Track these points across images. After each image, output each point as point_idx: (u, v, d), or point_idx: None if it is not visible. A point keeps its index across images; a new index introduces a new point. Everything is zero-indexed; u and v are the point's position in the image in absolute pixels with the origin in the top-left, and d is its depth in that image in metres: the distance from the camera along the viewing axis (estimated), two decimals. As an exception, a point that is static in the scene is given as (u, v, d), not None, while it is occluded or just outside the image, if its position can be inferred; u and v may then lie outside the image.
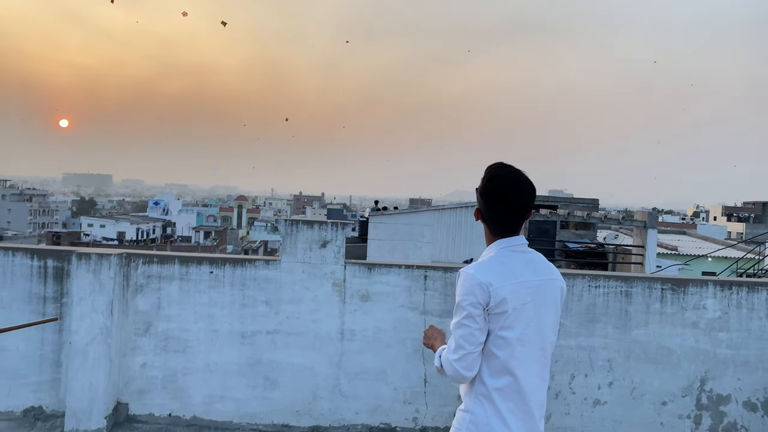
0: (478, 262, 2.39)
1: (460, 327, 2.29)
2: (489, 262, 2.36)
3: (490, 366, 2.32)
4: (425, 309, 4.92)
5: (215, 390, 4.89)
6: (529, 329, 2.33)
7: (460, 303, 2.31)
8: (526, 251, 2.42)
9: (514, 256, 2.38)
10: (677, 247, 28.49)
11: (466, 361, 2.28)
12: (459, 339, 2.29)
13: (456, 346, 2.30)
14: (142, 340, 4.89)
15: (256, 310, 4.90)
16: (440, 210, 18.39)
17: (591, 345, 4.91)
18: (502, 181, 2.37)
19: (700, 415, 4.91)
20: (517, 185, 2.36)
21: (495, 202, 2.37)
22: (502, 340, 2.30)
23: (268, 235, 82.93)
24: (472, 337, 2.28)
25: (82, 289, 4.66)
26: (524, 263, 2.38)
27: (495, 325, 2.30)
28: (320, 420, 4.90)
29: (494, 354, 2.31)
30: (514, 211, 2.37)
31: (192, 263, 4.90)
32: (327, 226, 4.96)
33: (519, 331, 2.31)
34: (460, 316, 2.30)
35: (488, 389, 2.33)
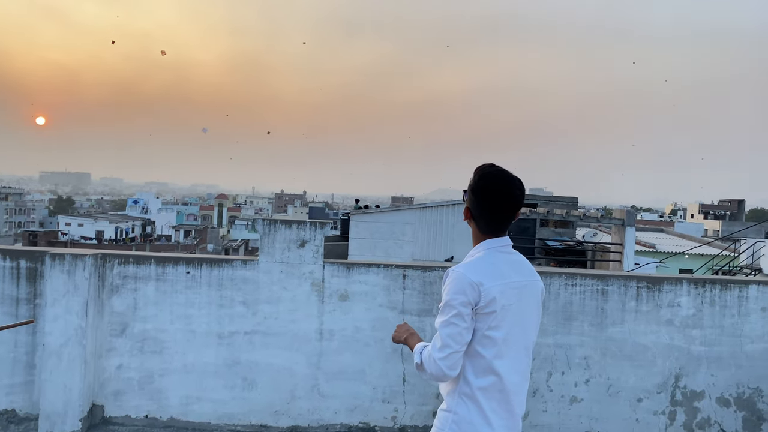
0: (467, 261, 2.40)
1: (448, 325, 2.29)
2: (478, 261, 2.37)
3: (474, 365, 2.33)
4: (404, 308, 4.93)
5: (192, 391, 4.85)
6: (514, 329, 2.35)
7: (450, 302, 2.30)
8: (511, 252, 2.45)
9: (502, 257, 2.40)
10: (655, 244, 28.87)
11: (451, 360, 2.28)
12: (446, 337, 2.28)
13: (442, 345, 2.28)
14: (118, 341, 4.84)
15: (234, 310, 4.87)
16: (422, 208, 18.43)
17: (568, 343, 4.95)
18: (494, 178, 2.39)
19: (675, 411, 4.99)
20: (509, 182, 2.39)
21: (487, 198, 2.39)
22: (488, 340, 2.31)
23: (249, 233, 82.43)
24: (459, 336, 2.28)
25: (56, 290, 4.59)
26: (510, 264, 2.41)
27: (482, 325, 2.31)
28: (299, 420, 4.89)
29: (479, 353, 2.32)
30: (505, 207, 2.38)
31: (168, 263, 4.85)
32: (305, 226, 4.94)
33: (505, 330, 2.32)
34: (449, 314, 2.29)
35: (472, 389, 2.33)
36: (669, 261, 22.16)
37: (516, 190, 2.38)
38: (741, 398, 5.00)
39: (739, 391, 5.00)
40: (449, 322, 2.29)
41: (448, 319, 2.30)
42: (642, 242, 28.00)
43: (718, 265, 22.38)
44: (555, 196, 29.86)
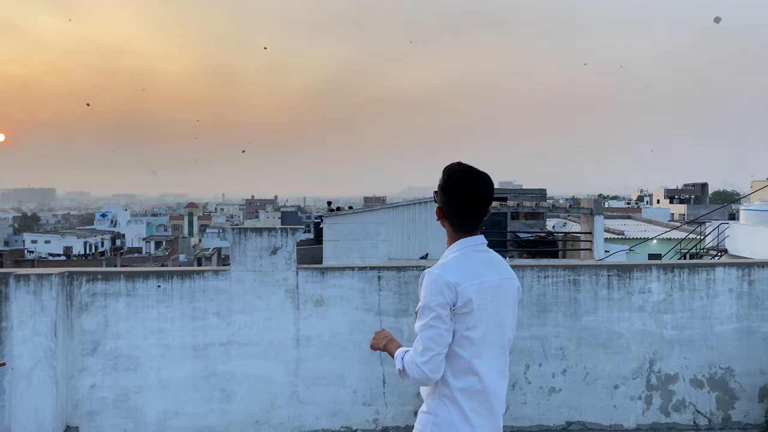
0: (443, 262, 2.39)
1: (428, 328, 2.27)
2: (453, 262, 2.37)
3: (453, 367, 2.32)
4: (380, 309, 4.92)
5: (170, 406, 4.78)
6: (490, 328, 2.35)
7: (428, 304, 2.29)
8: (486, 251, 2.45)
9: (476, 256, 2.40)
10: (624, 231, 29.38)
11: (434, 363, 2.27)
12: (427, 341, 2.26)
13: (424, 348, 2.27)
14: (89, 360, 4.74)
15: (208, 322, 4.80)
16: (394, 207, 18.45)
17: (543, 334, 5.00)
18: (462, 175, 2.40)
19: (651, 396, 5.07)
20: (477, 177, 2.40)
21: (456, 195, 2.39)
22: (466, 341, 2.31)
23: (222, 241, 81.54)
24: (441, 338, 2.27)
25: (22, 312, 4.48)
26: (485, 263, 2.41)
27: (460, 326, 2.30)
28: (279, 429, 4.84)
29: (458, 355, 2.31)
30: (475, 202, 2.39)
31: (138, 278, 4.77)
32: (277, 233, 4.90)
33: (482, 330, 2.32)
34: (428, 317, 2.28)
35: (452, 390, 2.33)
36: (638, 247, 22.58)
37: (485, 185, 2.39)
38: (713, 379, 5.11)
39: (712, 371, 5.11)
40: (429, 325, 2.28)
41: (427, 321, 2.29)
42: (611, 230, 28.48)
43: (685, 248, 22.89)
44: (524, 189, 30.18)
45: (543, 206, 18.42)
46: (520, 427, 4.96)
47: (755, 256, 17.48)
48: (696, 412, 5.10)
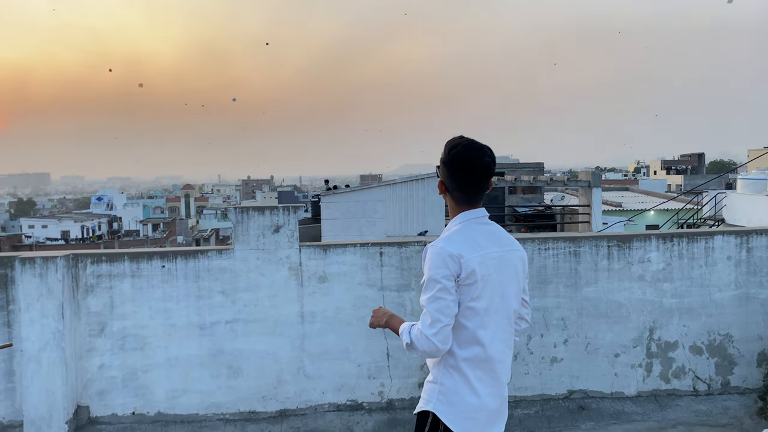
0: (445, 235, 2.43)
1: (435, 300, 2.31)
2: (456, 234, 2.40)
3: (458, 337, 2.37)
4: (383, 285, 4.97)
5: (178, 384, 4.84)
6: (494, 299, 2.39)
7: (433, 276, 2.33)
8: (488, 223, 2.48)
9: (478, 228, 2.44)
10: (621, 203, 29.46)
11: (443, 334, 2.31)
12: (435, 312, 2.30)
13: (432, 320, 2.30)
14: (97, 341, 4.79)
15: (213, 300, 4.85)
16: (391, 185, 18.45)
17: (545, 305, 5.07)
18: (463, 148, 2.42)
19: (651, 363, 5.16)
20: (479, 150, 2.42)
21: (458, 168, 2.41)
22: (471, 311, 2.35)
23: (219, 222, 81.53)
24: (448, 309, 2.31)
25: (29, 294, 4.51)
26: (487, 235, 2.44)
27: (464, 297, 2.34)
28: (287, 403, 4.92)
29: (463, 325, 2.36)
30: (477, 175, 2.41)
31: (142, 259, 4.80)
32: (278, 211, 4.92)
33: (486, 301, 2.37)
34: (435, 289, 2.32)
35: (457, 360, 2.38)
36: (636, 218, 22.66)
37: (486, 158, 2.42)
38: (712, 345, 5.19)
39: (711, 338, 5.19)
40: (436, 297, 2.32)
41: (434, 294, 2.32)
42: (609, 202, 28.55)
43: (682, 218, 22.99)
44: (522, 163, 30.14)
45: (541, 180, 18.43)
46: (523, 397, 5.05)
47: (752, 224, 17.58)
48: (695, 378, 5.19)
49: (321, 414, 4.90)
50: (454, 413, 2.37)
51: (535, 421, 4.84)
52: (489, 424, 2.43)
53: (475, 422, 2.38)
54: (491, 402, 2.42)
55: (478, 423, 2.39)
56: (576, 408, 5.00)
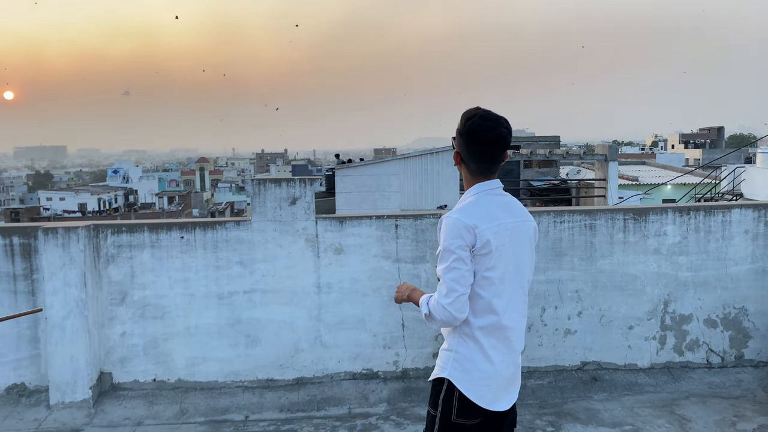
0: (460, 206, 2.46)
1: (451, 270, 2.35)
2: (471, 205, 2.43)
3: (474, 306, 2.41)
4: (398, 257, 5.02)
5: (197, 352, 4.95)
6: (509, 268, 2.43)
7: (448, 247, 2.36)
8: (502, 194, 2.51)
9: (493, 199, 2.46)
10: (638, 177, 29.17)
11: (459, 303, 2.35)
12: (450, 282, 2.34)
13: (448, 290, 2.35)
14: (118, 309, 4.90)
15: (231, 271, 4.92)
16: (405, 158, 18.41)
17: (559, 278, 5.09)
18: (480, 119, 2.43)
19: (665, 336, 5.18)
20: (496, 121, 2.43)
21: (474, 138, 2.42)
22: (486, 281, 2.39)
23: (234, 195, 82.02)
24: (463, 279, 2.35)
25: (52, 264, 4.61)
26: (502, 206, 2.47)
27: (480, 267, 2.38)
28: (303, 371, 5.02)
29: (478, 294, 2.40)
30: (493, 146, 2.42)
31: (162, 230, 4.88)
32: (295, 183, 4.96)
33: (501, 270, 2.40)
34: (450, 259, 2.35)
35: (472, 328, 2.43)
36: (652, 192, 22.47)
37: (503, 129, 2.43)
38: (727, 318, 5.20)
39: (726, 311, 5.20)
40: (451, 267, 2.36)
41: (449, 264, 2.36)
42: (625, 176, 28.30)
43: (700, 193, 22.76)
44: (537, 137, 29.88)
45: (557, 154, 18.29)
46: (536, 368, 5.11)
47: (770, 199, 17.36)
48: (709, 351, 5.21)
49: (337, 382, 5.00)
50: (468, 380, 2.43)
51: (548, 392, 4.91)
52: (502, 391, 2.49)
53: (489, 389, 2.44)
54: (505, 369, 2.47)
55: (492, 390, 2.45)
56: (589, 379, 5.05)
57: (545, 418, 4.53)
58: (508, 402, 2.51)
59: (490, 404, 2.44)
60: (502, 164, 2.54)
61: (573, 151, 22.06)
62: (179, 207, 67.22)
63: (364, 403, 4.80)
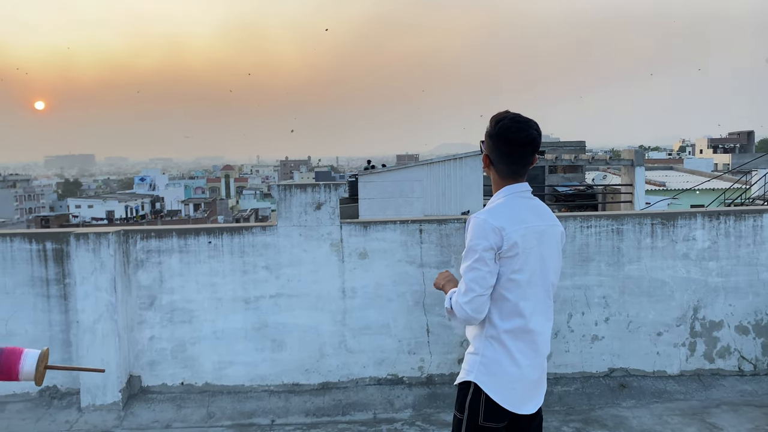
0: (489, 208, 2.47)
1: (471, 270, 2.37)
2: (499, 207, 2.44)
3: (500, 309, 2.41)
4: (423, 262, 5.02)
5: (224, 356, 5.01)
6: (535, 272, 2.43)
7: (473, 247, 2.38)
8: (531, 198, 2.51)
9: (522, 202, 2.47)
10: (665, 182, 28.74)
11: (475, 304, 2.36)
12: (470, 282, 2.36)
13: (466, 289, 2.37)
14: (147, 313, 4.98)
15: (257, 275, 4.97)
16: (429, 164, 18.40)
17: (586, 284, 5.04)
18: (510, 121, 2.44)
19: (695, 342, 5.09)
20: (525, 123, 2.44)
21: (504, 140, 2.44)
22: (512, 283, 2.39)
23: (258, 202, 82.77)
24: (483, 280, 2.36)
25: (83, 268, 4.71)
26: (530, 209, 2.47)
27: (506, 269, 2.38)
28: (329, 376, 5.04)
29: (505, 297, 2.40)
30: (523, 148, 2.43)
31: (190, 235, 4.95)
32: (320, 189, 5.00)
33: (527, 273, 2.40)
34: (471, 259, 2.37)
35: (498, 331, 2.43)
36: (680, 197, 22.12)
37: (532, 131, 2.43)
38: (759, 325, 5.10)
39: (758, 318, 5.09)
40: (472, 267, 2.37)
41: (471, 264, 2.38)
42: (652, 181, 27.90)
43: (729, 198, 22.33)
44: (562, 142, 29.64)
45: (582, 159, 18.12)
46: (563, 374, 5.06)
47: (803, 204, 16.95)
48: (741, 358, 5.11)
49: (362, 387, 5.01)
50: (495, 383, 2.42)
51: (575, 398, 4.85)
52: (529, 395, 2.48)
53: (515, 392, 2.43)
54: (531, 373, 2.46)
55: (518, 393, 2.44)
56: (617, 386, 4.98)
57: (572, 425, 4.48)
58: (534, 405, 2.50)
59: (517, 407, 2.43)
60: (531, 167, 2.54)
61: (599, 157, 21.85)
62: (205, 214, 68.04)
63: (390, 409, 4.80)
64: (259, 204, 79.79)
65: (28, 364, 1.94)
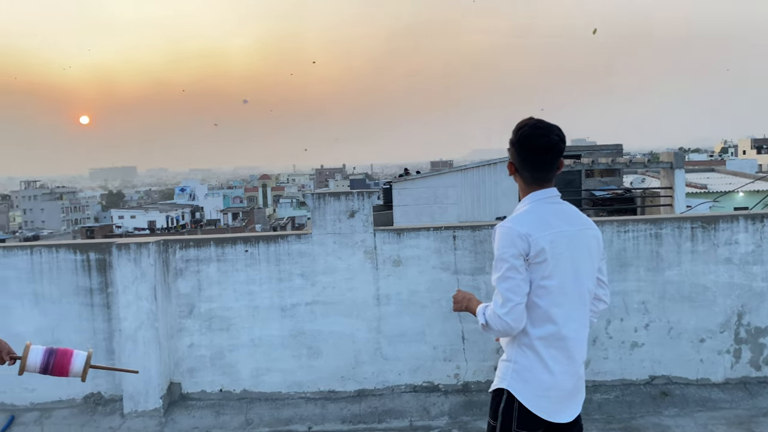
0: (514, 215, 2.46)
1: (505, 280, 2.35)
2: (524, 214, 2.43)
3: (531, 316, 2.39)
4: (457, 268, 5.00)
5: (261, 363, 5.07)
6: (567, 277, 2.40)
7: (501, 256, 2.36)
8: (559, 202, 2.49)
9: (548, 207, 2.45)
10: (706, 185, 27.99)
11: (515, 313, 2.34)
12: (505, 292, 2.34)
13: (504, 300, 2.34)
14: (187, 321, 5.08)
15: (293, 283, 5.03)
16: (463, 170, 18.34)
17: (624, 289, 4.95)
18: (531, 127, 2.44)
19: (740, 349, 4.95)
20: (546, 128, 2.43)
21: (526, 147, 2.43)
22: (543, 290, 2.37)
23: (294, 210, 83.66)
24: (519, 288, 2.34)
25: (125, 278, 4.84)
26: (558, 214, 2.45)
27: (536, 275, 2.36)
28: (365, 383, 5.06)
29: (536, 304, 2.38)
30: (545, 154, 2.42)
31: (227, 244, 5.04)
32: (353, 196, 5.04)
33: (558, 279, 2.37)
34: (503, 269, 2.35)
35: (530, 338, 2.40)
36: (723, 200, 21.51)
37: (554, 136, 2.42)
38: (808, 331, 4.92)
39: (806, 323, 4.92)
40: (505, 277, 2.35)
41: (503, 273, 2.36)
42: (693, 184, 27.19)
43: (775, 200, 21.59)
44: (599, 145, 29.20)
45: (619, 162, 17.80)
46: (602, 381, 4.97)
47: None
48: (789, 366, 4.94)
49: (398, 395, 5.01)
50: (528, 391, 2.40)
51: (615, 406, 4.76)
52: (564, 403, 2.44)
53: (549, 400, 2.40)
54: (566, 381, 2.43)
55: (553, 401, 2.41)
56: (658, 394, 4.87)
57: (612, 433, 4.40)
58: (571, 414, 2.46)
59: (552, 415, 2.41)
60: (558, 173, 2.52)
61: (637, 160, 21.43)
62: (243, 223, 69.05)
63: (426, 416, 4.79)
64: (296, 212, 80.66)
65: (78, 364, 2.12)
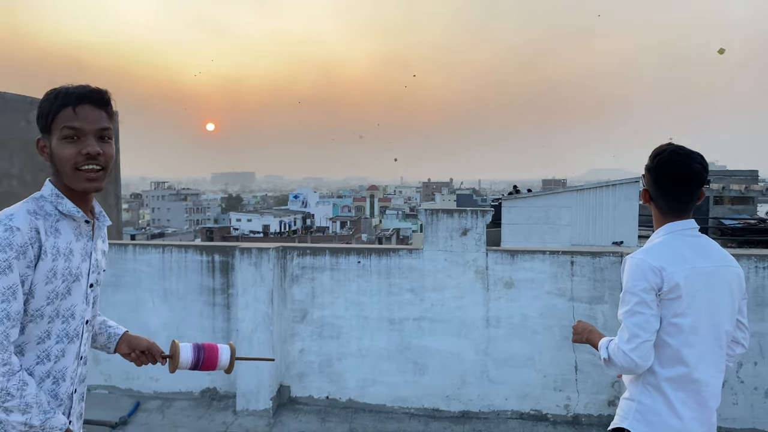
0: (646, 247, 2.32)
1: (634, 315, 2.22)
2: (658, 246, 2.28)
3: (660, 355, 2.24)
4: (573, 295, 4.81)
5: (368, 374, 5.13)
6: (702, 317, 2.23)
7: (631, 289, 2.24)
8: (697, 235, 2.32)
9: (685, 241, 2.29)
10: None
11: (642, 350, 2.20)
12: (633, 327, 2.21)
13: (630, 335, 2.22)
14: (299, 326, 5.25)
15: (402, 297, 5.06)
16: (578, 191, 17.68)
17: (761, 331, 4.53)
18: (669, 154, 2.30)
19: None
20: (688, 156, 2.28)
21: (663, 175, 2.29)
22: (674, 328, 2.22)
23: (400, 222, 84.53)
24: (648, 324, 2.21)
25: (245, 280, 5.08)
26: (695, 248, 2.28)
27: (667, 312, 2.22)
28: (469, 405, 4.97)
29: (666, 342, 2.23)
30: (684, 183, 2.27)
31: (341, 254, 5.16)
32: (467, 214, 5.00)
33: (692, 318, 2.21)
34: (632, 302, 2.23)
35: (658, 379, 2.25)
36: None
37: (696, 164, 2.25)
38: None
39: None
40: (634, 311, 2.22)
41: (631, 308, 2.22)
42: (841, 217, 24.49)
43: None
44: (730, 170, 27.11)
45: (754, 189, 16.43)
46: (729, 428, 4.57)
47: None
48: None
49: (503, 420, 4.88)
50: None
51: (744, 458, 4.36)
52: (693, 451, 2.26)
53: None
54: (696, 428, 2.24)
55: None
56: (796, 450, 4.40)
57: (740, 488, 4.02)
58: (700, 463, 2.27)
59: (678, 463, 2.23)
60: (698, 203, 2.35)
61: (774, 187, 19.65)
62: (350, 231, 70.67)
63: (531, 445, 4.62)
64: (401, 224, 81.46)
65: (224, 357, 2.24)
